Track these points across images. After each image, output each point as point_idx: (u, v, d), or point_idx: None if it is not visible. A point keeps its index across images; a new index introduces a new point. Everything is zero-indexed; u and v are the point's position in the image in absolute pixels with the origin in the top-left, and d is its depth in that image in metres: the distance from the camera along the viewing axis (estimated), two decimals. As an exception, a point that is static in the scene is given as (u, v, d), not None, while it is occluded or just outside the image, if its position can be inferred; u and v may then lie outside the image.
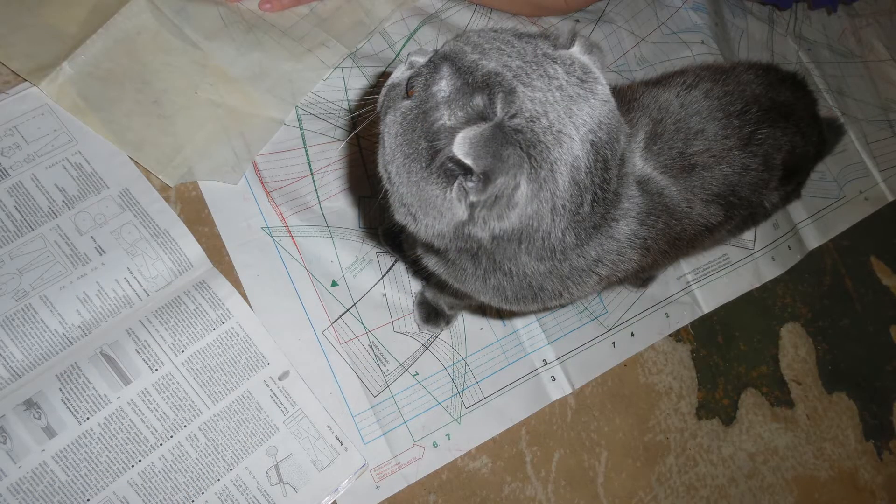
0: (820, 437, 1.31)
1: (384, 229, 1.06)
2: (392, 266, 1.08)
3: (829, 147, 1.15)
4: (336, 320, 1.02)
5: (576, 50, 0.66)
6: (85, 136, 0.98)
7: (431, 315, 1.06)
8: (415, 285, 1.08)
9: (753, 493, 1.22)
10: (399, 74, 0.68)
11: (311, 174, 1.08)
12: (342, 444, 0.98)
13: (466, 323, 1.10)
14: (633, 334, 1.21)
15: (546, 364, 1.12)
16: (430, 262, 0.80)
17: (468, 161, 0.58)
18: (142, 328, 0.92)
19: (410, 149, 0.62)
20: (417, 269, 1.00)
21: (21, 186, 0.94)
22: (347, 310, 1.03)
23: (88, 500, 0.86)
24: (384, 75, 1.14)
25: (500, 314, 1.13)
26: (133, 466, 0.88)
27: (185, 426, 0.91)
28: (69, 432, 0.86)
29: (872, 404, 1.38)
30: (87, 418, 0.87)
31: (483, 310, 1.12)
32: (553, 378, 1.12)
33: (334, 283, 1.04)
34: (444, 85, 0.62)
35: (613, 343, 1.19)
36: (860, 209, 1.49)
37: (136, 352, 0.90)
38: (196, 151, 1.01)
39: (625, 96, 0.86)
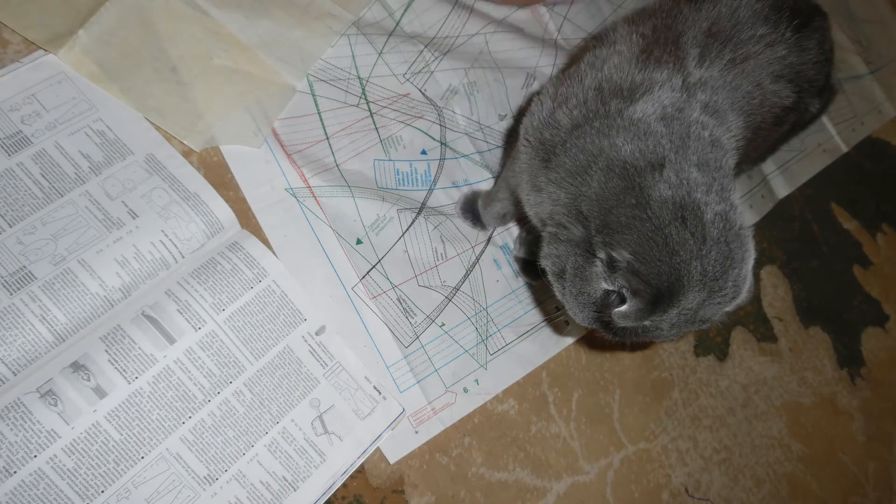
0: (801, 368, 1.42)
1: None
2: (411, 224, 1.12)
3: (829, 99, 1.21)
4: (364, 276, 1.05)
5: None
6: (104, 104, 0.97)
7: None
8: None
9: (749, 421, 1.31)
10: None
11: (327, 138, 1.10)
12: (380, 393, 1.01)
13: (484, 275, 1.15)
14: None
15: (559, 310, 1.18)
16: None
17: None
18: (181, 289, 0.92)
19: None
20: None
21: (45, 154, 0.93)
22: (373, 266, 1.06)
23: (143, 457, 0.86)
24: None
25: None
26: (184, 423, 0.89)
27: (230, 382, 0.93)
28: (119, 392, 0.86)
29: (844, 336, 1.50)
30: (136, 378, 0.87)
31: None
32: (567, 323, 1.18)
33: (359, 241, 1.07)
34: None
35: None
36: (820, 160, 1.61)
37: (177, 312, 0.91)
38: (217, 117, 1.02)
39: (674, 28, 0.90)
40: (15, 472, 0.80)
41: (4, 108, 0.92)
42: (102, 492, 0.83)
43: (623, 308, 0.73)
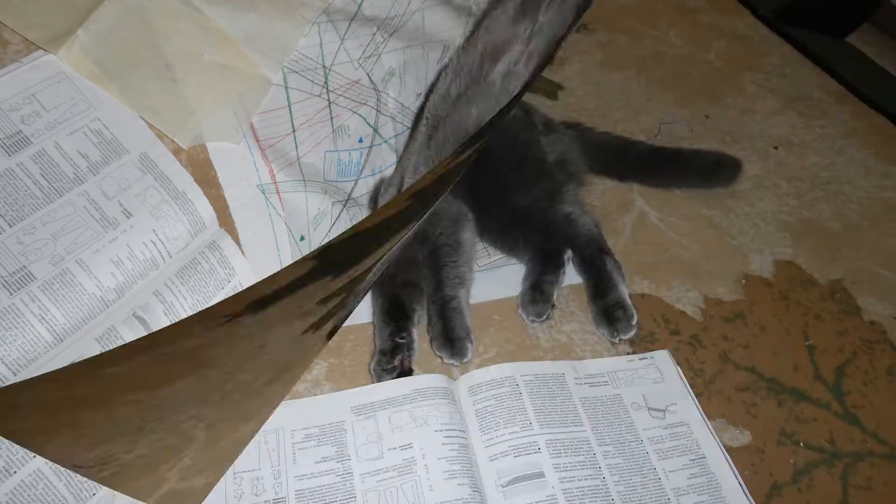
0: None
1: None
2: (339, 216, 1.22)
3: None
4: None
5: None
6: (102, 103, 0.98)
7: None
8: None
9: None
10: None
11: (294, 131, 1.16)
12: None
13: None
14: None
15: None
16: None
17: None
18: (167, 290, 1.02)
19: None
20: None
21: (45, 154, 0.95)
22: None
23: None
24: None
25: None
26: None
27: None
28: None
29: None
30: (133, 378, 0.99)
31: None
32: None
33: (302, 238, 1.15)
34: None
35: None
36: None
37: (163, 313, 1.02)
38: (206, 113, 1.06)
39: None
40: (15, 472, 0.87)
41: (5, 108, 0.91)
42: (94, 494, 0.93)
43: None
